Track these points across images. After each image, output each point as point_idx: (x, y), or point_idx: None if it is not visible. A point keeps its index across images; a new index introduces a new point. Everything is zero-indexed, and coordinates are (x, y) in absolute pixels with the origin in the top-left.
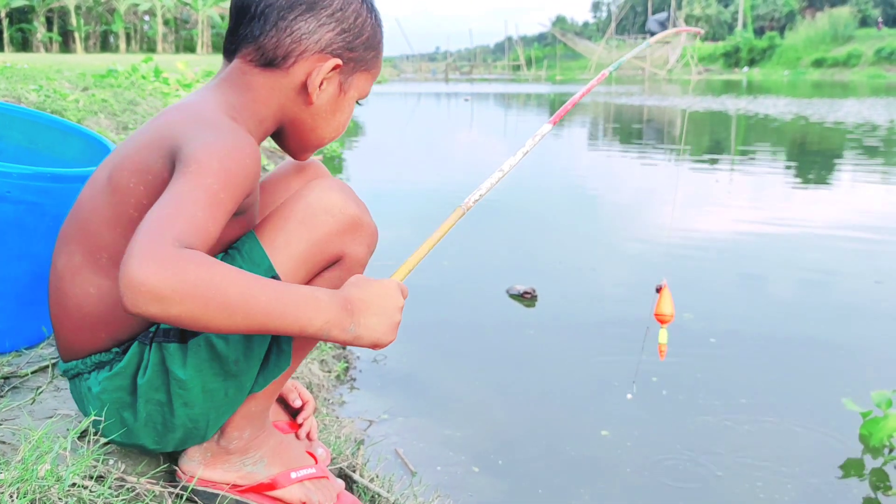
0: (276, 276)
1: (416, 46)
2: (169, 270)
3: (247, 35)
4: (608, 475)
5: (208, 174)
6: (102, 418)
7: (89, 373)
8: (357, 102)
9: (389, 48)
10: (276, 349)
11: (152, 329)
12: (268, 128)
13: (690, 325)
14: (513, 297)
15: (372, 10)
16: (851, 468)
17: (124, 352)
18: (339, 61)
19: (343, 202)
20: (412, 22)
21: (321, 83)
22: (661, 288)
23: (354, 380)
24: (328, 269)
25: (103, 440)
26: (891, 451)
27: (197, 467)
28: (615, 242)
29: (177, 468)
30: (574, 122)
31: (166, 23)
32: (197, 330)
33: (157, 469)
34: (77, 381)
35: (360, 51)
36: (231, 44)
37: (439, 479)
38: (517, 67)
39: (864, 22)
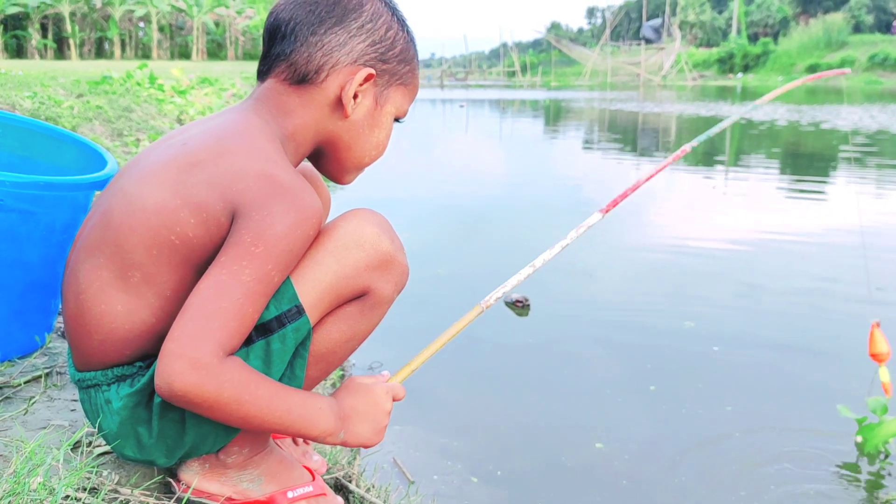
0: (299, 306)
1: None
2: (208, 385)
3: (279, 54)
4: (605, 487)
5: (270, 259)
6: (116, 434)
7: (108, 385)
8: (397, 121)
9: None
10: (288, 373)
11: None
12: (305, 151)
13: (692, 333)
14: (507, 304)
15: (404, 25)
16: (847, 474)
17: (148, 367)
18: (371, 71)
19: (377, 237)
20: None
21: (356, 95)
22: (874, 326)
23: None
24: (351, 301)
25: (97, 451)
26: (886, 456)
27: (193, 477)
28: (612, 248)
29: (171, 480)
30: (569, 127)
31: (161, 29)
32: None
33: (152, 481)
34: (93, 391)
35: (394, 63)
36: (264, 65)
37: (437, 489)
38: (512, 74)
39: (858, 28)
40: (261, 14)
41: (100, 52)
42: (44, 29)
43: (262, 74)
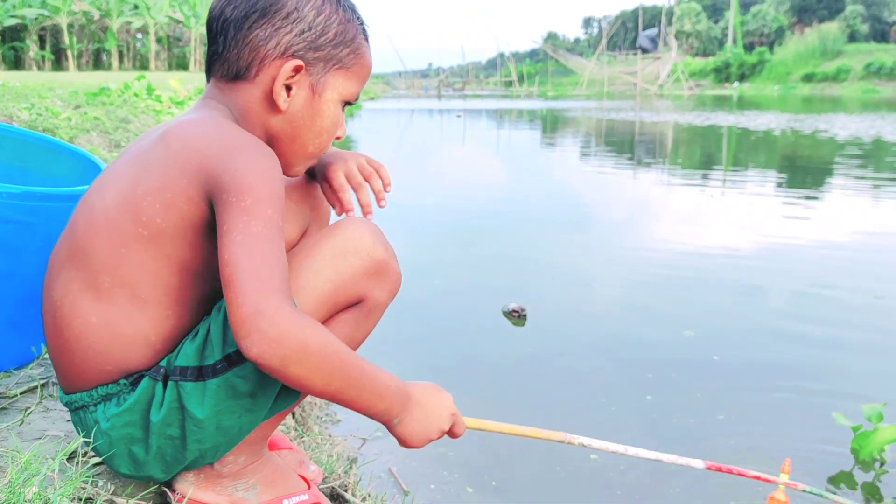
0: None
1: (408, 63)
2: (293, 332)
3: (213, 53)
4: (599, 497)
5: (264, 203)
6: (108, 452)
7: (95, 405)
8: (348, 104)
9: (382, 65)
10: (285, 387)
11: (163, 363)
12: None
13: (691, 342)
14: (504, 314)
15: (340, 6)
16: (842, 481)
17: (133, 384)
18: (299, 62)
19: (372, 244)
20: (404, 39)
21: (290, 88)
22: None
23: None
24: (347, 309)
25: (93, 461)
26: (882, 464)
27: (188, 487)
28: (610, 257)
29: (166, 489)
30: (566, 137)
31: (159, 41)
32: (294, 387)
33: (147, 491)
34: (82, 413)
35: (328, 49)
36: (206, 66)
37: (433, 498)
38: (509, 83)
39: (853, 37)
40: None
41: (98, 63)
42: (41, 40)
43: (207, 75)
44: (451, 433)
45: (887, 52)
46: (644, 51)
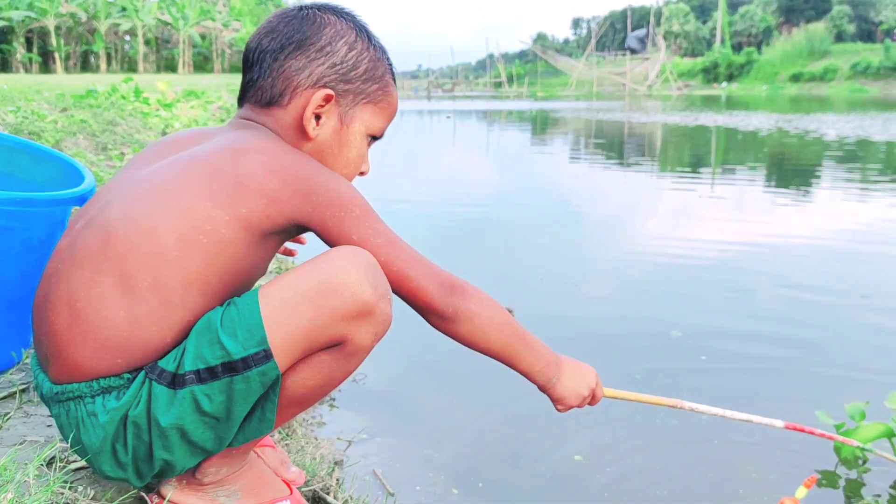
0: (267, 350)
1: (397, 64)
2: (471, 294)
3: (248, 81)
4: (587, 498)
5: (369, 211)
6: (97, 449)
7: (93, 397)
8: (374, 139)
9: None
10: (259, 414)
11: (163, 364)
12: None
13: (679, 343)
14: None
15: (370, 45)
16: (825, 480)
17: (135, 379)
18: (330, 92)
19: (357, 285)
20: (394, 40)
21: (319, 116)
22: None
23: (334, 399)
24: (327, 350)
25: (73, 466)
26: (864, 462)
27: (170, 490)
28: (597, 258)
29: (144, 494)
30: (556, 137)
31: (147, 42)
32: (477, 340)
33: (126, 495)
34: (73, 404)
35: (358, 83)
36: (240, 93)
37: (418, 500)
38: (499, 84)
39: (840, 37)
40: (247, 27)
41: (85, 65)
42: (29, 43)
43: (240, 101)
44: (595, 395)
45: (873, 52)
46: (633, 51)
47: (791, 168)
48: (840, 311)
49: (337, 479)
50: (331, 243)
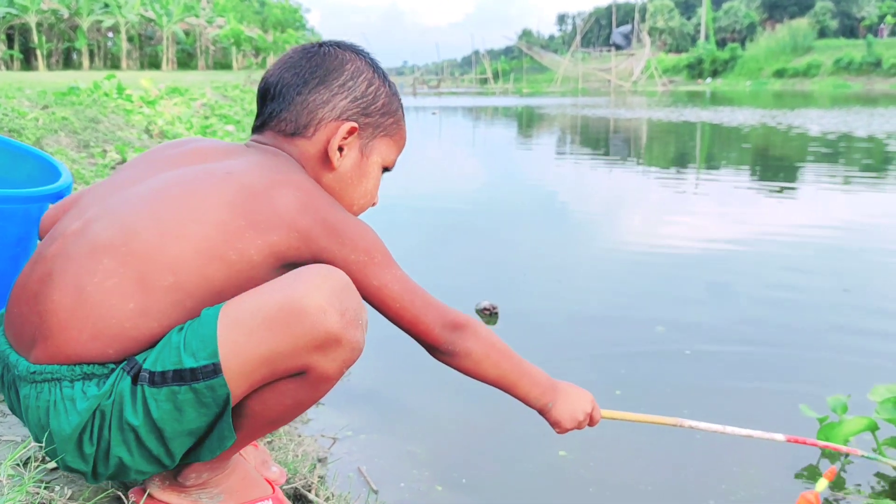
0: (216, 365)
1: (383, 61)
2: (472, 329)
3: (271, 112)
4: (572, 494)
5: (386, 253)
6: (67, 437)
7: (72, 381)
8: (386, 170)
9: None
10: (217, 433)
11: (138, 358)
12: None
13: (663, 338)
14: (476, 312)
15: (385, 81)
16: (808, 473)
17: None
18: (354, 124)
19: (321, 313)
20: (379, 36)
21: (342, 148)
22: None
23: None
24: (290, 378)
25: (49, 466)
26: (846, 455)
27: (154, 488)
28: (582, 254)
29: (119, 493)
30: (542, 133)
31: (130, 39)
32: (476, 371)
33: (104, 494)
34: (49, 386)
35: (377, 116)
36: (259, 121)
37: (402, 497)
38: (484, 81)
39: (823, 33)
40: (231, 24)
41: (68, 62)
42: (10, 39)
43: (258, 129)
44: (592, 418)
45: (856, 48)
46: (618, 47)
47: (775, 163)
48: (823, 305)
49: (320, 477)
50: (362, 297)
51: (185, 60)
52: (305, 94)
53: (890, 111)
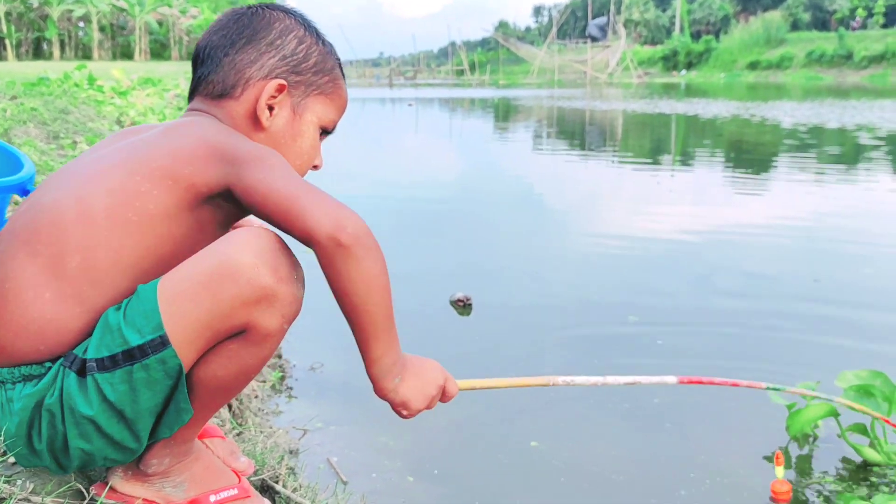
0: (163, 336)
1: (359, 52)
2: (361, 224)
3: (200, 77)
4: (542, 484)
5: (284, 162)
6: (13, 436)
7: (13, 383)
8: (326, 132)
9: None
10: (174, 406)
11: (76, 351)
12: None
13: (635, 328)
14: (450, 303)
15: (318, 40)
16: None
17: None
18: (282, 82)
19: (253, 267)
20: (355, 27)
21: (272, 108)
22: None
23: (291, 389)
24: (233, 338)
25: (10, 460)
26: (814, 439)
27: (117, 480)
28: (557, 245)
29: (80, 486)
30: (518, 125)
31: (102, 29)
32: (360, 274)
33: (66, 486)
34: None
35: (309, 75)
36: (191, 88)
37: (373, 487)
38: (461, 72)
39: (796, 25)
40: (205, 13)
41: (38, 52)
42: None
43: (190, 96)
44: (446, 392)
45: (828, 41)
46: (593, 39)
47: (749, 156)
48: (793, 294)
49: (288, 468)
50: (248, 203)
51: (159, 51)
52: (233, 55)
53: (862, 103)
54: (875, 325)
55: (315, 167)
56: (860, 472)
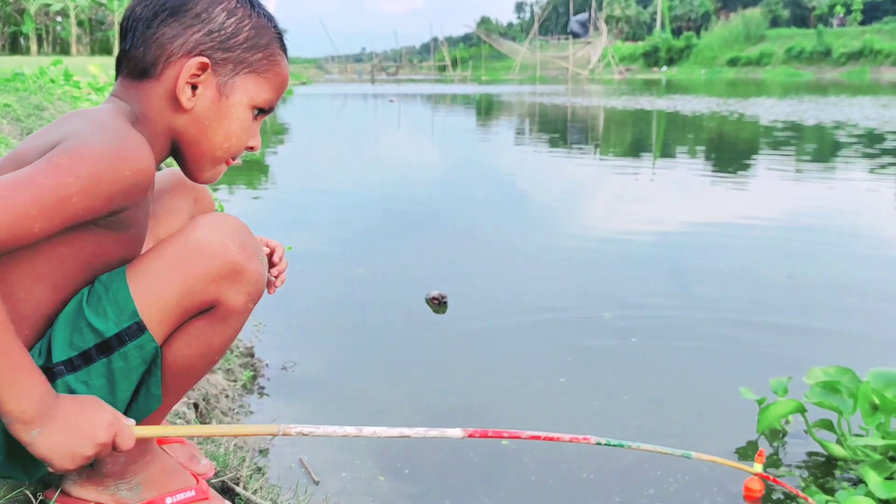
0: (140, 322)
1: (341, 47)
2: None
3: (122, 51)
4: (513, 483)
5: (71, 173)
6: None
7: None
8: (262, 112)
9: (314, 49)
10: (144, 392)
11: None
12: (161, 146)
13: (610, 325)
14: (426, 301)
15: (253, 12)
16: (748, 452)
17: None
18: (204, 60)
19: (222, 245)
20: (336, 22)
21: (196, 87)
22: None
23: (263, 388)
24: (200, 315)
25: None
26: (784, 435)
27: (70, 485)
28: (534, 243)
29: (30, 494)
30: (500, 121)
31: (80, 24)
32: None
33: (16, 491)
34: None
35: (239, 51)
36: (116, 64)
37: (343, 487)
38: (443, 68)
39: (775, 22)
40: None
41: (15, 47)
42: None
43: (115, 73)
44: (117, 445)
45: (807, 37)
46: (575, 35)
47: (728, 152)
48: (768, 291)
49: (258, 468)
50: None
51: None
52: (155, 28)
53: (840, 99)
54: (846, 322)
55: (251, 148)
56: (826, 467)
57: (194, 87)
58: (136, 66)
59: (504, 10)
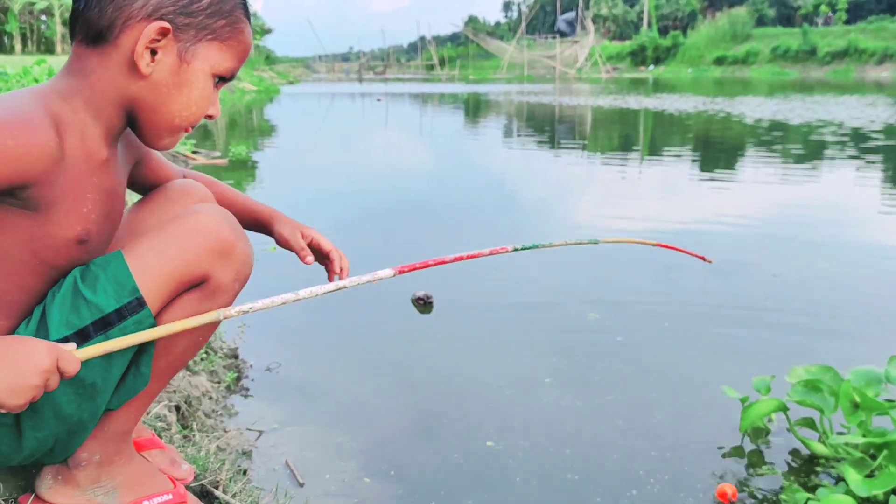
0: (140, 298)
1: (328, 46)
2: None
3: (76, 11)
4: (498, 484)
5: None
6: None
7: None
8: (223, 80)
9: (301, 48)
10: (133, 370)
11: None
12: (111, 116)
13: (596, 325)
14: (411, 302)
15: None
16: (732, 451)
17: None
18: (165, 24)
19: (217, 225)
20: (324, 21)
21: (155, 52)
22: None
23: (247, 389)
24: (191, 290)
25: None
26: (767, 433)
27: (45, 489)
28: (522, 242)
29: (1, 500)
30: (488, 120)
31: (65, 23)
32: None
33: None
34: None
35: (201, 17)
36: (70, 29)
37: (328, 489)
38: (431, 67)
39: (761, 21)
40: None
41: None
42: None
43: (70, 38)
44: (63, 371)
45: (792, 36)
46: (562, 34)
47: (715, 150)
48: (752, 289)
49: (234, 471)
50: None
51: None
52: None
53: (826, 98)
54: (829, 320)
55: (210, 117)
56: (807, 465)
57: (153, 53)
58: (90, 29)
59: (491, 9)
